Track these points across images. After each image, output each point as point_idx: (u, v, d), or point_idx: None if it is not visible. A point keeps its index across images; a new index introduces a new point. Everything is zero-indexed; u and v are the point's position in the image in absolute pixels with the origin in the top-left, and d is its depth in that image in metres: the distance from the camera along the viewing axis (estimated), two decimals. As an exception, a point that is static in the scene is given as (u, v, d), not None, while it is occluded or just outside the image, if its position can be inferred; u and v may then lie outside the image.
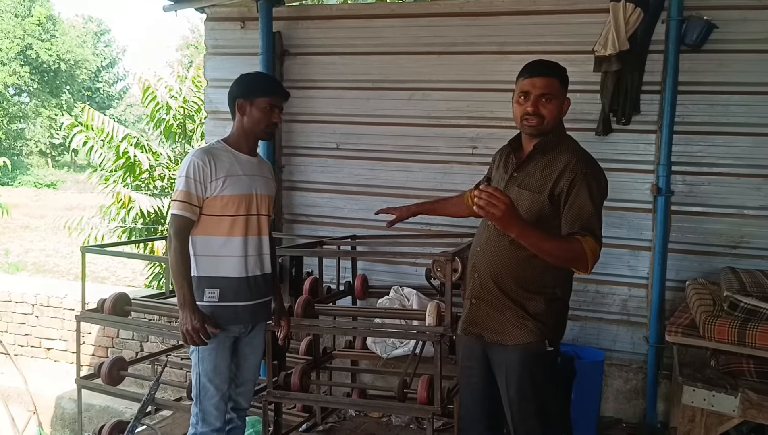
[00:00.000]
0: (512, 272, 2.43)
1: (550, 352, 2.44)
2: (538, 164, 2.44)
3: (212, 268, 2.74)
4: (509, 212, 2.14)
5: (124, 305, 3.85)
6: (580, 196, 2.32)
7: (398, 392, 3.45)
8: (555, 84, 2.43)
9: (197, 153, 2.72)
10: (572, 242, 2.27)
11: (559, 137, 2.48)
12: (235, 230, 2.75)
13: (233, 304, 2.77)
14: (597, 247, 2.28)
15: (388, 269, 4.64)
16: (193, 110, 8.97)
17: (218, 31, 4.97)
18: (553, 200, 2.36)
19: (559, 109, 2.45)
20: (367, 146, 4.67)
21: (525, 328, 2.42)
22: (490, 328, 2.49)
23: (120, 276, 13.69)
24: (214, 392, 2.78)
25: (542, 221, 2.36)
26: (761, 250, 3.90)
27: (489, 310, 2.49)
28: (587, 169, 2.36)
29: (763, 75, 3.83)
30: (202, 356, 2.76)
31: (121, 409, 5.12)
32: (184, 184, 2.67)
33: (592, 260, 2.27)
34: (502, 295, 2.45)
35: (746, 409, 2.74)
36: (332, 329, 3.80)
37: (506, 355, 2.46)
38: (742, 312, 2.82)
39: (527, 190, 2.43)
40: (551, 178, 2.37)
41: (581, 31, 4.04)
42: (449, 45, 4.40)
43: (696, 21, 3.78)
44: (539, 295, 2.42)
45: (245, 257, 2.77)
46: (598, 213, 2.33)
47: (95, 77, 36.75)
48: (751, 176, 3.90)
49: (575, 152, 2.42)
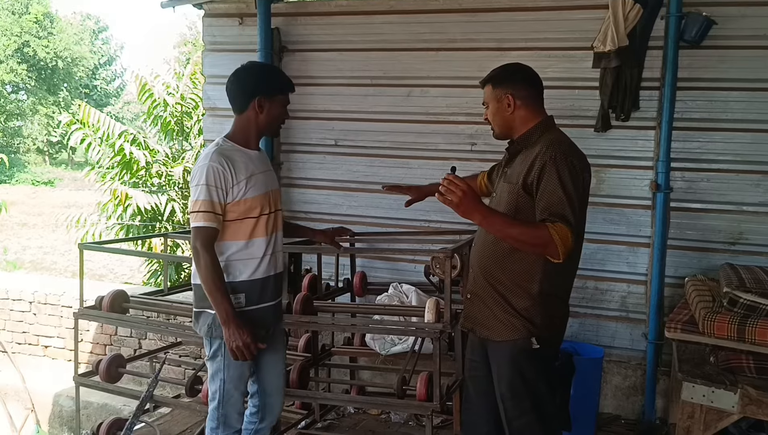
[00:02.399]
0: (498, 265, 2.44)
1: (539, 349, 2.41)
2: (519, 158, 2.49)
3: (235, 273, 2.63)
4: (467, 199, 2.17)
5: (123, 302, 3.84)
6: (550, 182, 2.29)
7: (397, 389, 3.44)
8: (486, 91, 2.54)
9: (213, 157, 2.55)
10: (539, 228, 2.24)
11: (540, 130, 2.48)
12: (258, 231, 2.64)
13: (259, 306, 2.68)
14: (568, 233, 2.21)
15: (387, 266, 4.63)
16: (191, 107, 8.94)
17: (216, 27, 4.96)
18: (527, 190, 2.36)
19: (497, 108, 2.50)
20: (365, 143, 4.66)
21: (510, 324, 2.42)
22: (481, 322, 2.52)
23: (118, 273, 13.68)
24: (238, 398, 2.71)
25: (520, 213, 2.37)
26: (760, 247, 3.90)
27: (480, 304, 2.52)
28: (557, 154, 2.32)
29: (762, 71, 3.83)
30: (228, 363, 2.63)
31: (119, 407, 5.11)
32: (205, 193, 2.51)
33: (561, 246, 2.21)
34: (491, 288, 2.46)
35: (746, 405, 2.74)
36: (331, 326, 3.80)
37: (497, 351, 2.48)
38: (741, 308, 2.82)
39: (508, 183, 2.48)
40: (525, 169, 2.39)
41: (580, 27, 4.03)
42: (448, 41, 4.39)
43: (695, 17, 3.77)
44: (523, 290, 2.40)
45: (268, 256, 2.68)
46: (570, 198, 2.26)
47: (93, 75, 36.71)
48: (750, 172, 3.90)
49: (549, 141, 2.40)
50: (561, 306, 2.53)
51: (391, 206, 4.62)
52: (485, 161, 4.34)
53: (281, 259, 2.83)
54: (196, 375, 3.67)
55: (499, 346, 2.46)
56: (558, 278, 2.44)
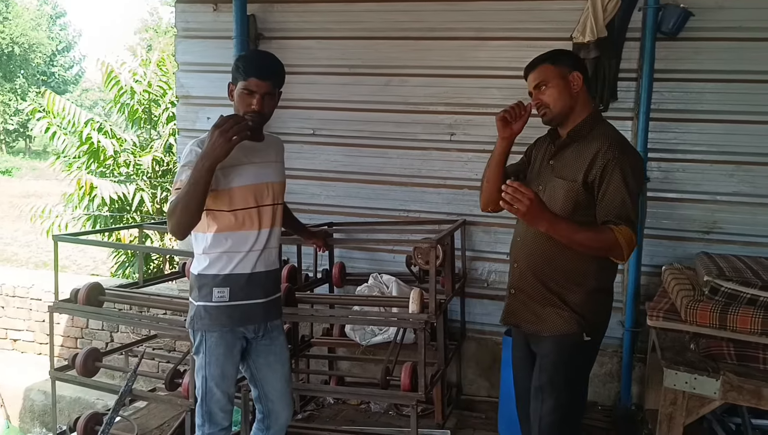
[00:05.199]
0: (551, 262, 2.40)
1: (587, 343, 2.42)
2: (572, 152, 2.42)
3: (222, 265, 2.54)
4: (535, 207, 2.13)
5: (98, 295, 3.75)
6: (613, 183, 2.27)
7: (381, 380, 3.44)
8: (543, 70, 2.42)
9: (195, 142, 2.47)
10: (605, 232, 2.24)
11: (593, 122, 2.43)
12: (247, 224, 2.54)
13: (245, 302, 2.58)
14: (632, 235, 2.24)
15: (366, 256, 4.61)
16: (158, 95, 8.76)
17: (189, 13, 4.84)
18: (587, 188, 2.33)
19: (561, 89, 2.40)
20: (343, 132, 4.61)
21: (561, 318, 2.40)
22: (527, 318, 2.49)
23: (81, 265, 13.39)
24: (221, 396, 2.61)
25: (579, 210, 2.34)
26: (733, 235, 3.98)
27: (527, 300, 2.48)
28: (619, 154, 2.30)
29: (737, 63, 3.89)
30: (209, 360, 2.56)
31: (93, 400, 5.02)
32: (183, 173, 2.40)
33: (627, 249, 2.24)
34: (541, 285, 2.43)
35: (727, 391, 2.79)
36: (315, 317, 3.77)
37: (542, 345, 2.47)
38: (722, 296, 2.87)
39: (562, 178, 2.40)
40: (584, 165, 2.34)
41: (560, 18, 4.04)
42: (427, 30, 4.36)
43: (672, 9, 3.81)
44: (578, 286, 2.39)
45: (257, 251, 2.58)
46: (633, 199, 2.28)
47: (50, 61, 35.73)
48: (724, 163, 3.96)
49: (607, 137, 2.36)
50: (609, 300, 2.54)
51: (369, 196, 4.59)
52: (464, 151, 4.38)
53: (275, 256, 2.71)
54: (175, 368, 3.61)
55: (548, 341, 2.45)
56: (610, 273, 2.47)
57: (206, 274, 2.56)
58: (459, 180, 4.40)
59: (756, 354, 2.89)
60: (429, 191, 4.48)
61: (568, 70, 2.40)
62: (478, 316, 4.45)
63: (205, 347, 2.57)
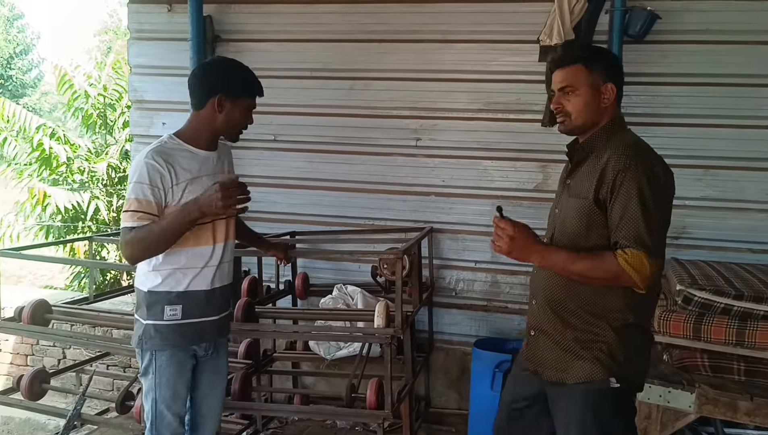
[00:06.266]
0: (569, 294, 2.07)
1: (619, 390, 2.03)
2: (587, 167, 2.09)
3: (175, 283, 2.40)
4: (519, 243, 1.95)
5: (45, 313, 3.52)
6: (621, 196, 1.94)
7: (346, 397, 3.29)
8: (575, 72, 2.07)
9: (149, 155, 2.31)
10: (605, 259, 1.92)
11: (610, 132, 2.10)
12: (201, 239, 2.41)
13: (199, 320, 2.46)
14: (642, 257, 1.87)
15: (331, 266, 4.45)
16: (114, 99, 8.46)
17: (143, 14, 4.63)
18: (600, 205, 2.00)
19: (588, 99, 2.06)
20: (306, 138, 4.45)
21: (587, 362, 2.04)
22: (550, 364, 2.13)
23: (38, 274, 12.90)
24: (172, 419, 2.46)
25: (594, 230, 2.02)
26: (702, 241, 3.93)
27: (548, 342, 2.14)
28: (631, 162, 1.95)
29: (704, 66, 3.85)
30: (159, 382, 2.42)
31: (44, 421, 4.73)
32: (139, 191, 2.27)
33: (637, 275, 1.88)
34: (559, 322, 2.10)
35: (702, 404, 2.72)
36: (276, 333, 3.60)
37: (565, 394, 2.10)
38: (696, 306, 2.80)
39: (575, 197, 2.09)
40: (594, 179, 2.01)
41: (526, 20, 3.95)
42: (391, 32, 4.24)
43: (639, 11, 3.74)
44: (604, 321, 2.04)
45: (213, 267, 2.46)
46: (649, 215, 1.90)
47: (7, 64, 34.73)
48: (692, 167, 3.91)
49: (620, 145, 2.02)
50: (646, 336, 2.15)
51: (333, 204, 4.44)
52: (430, 157, 4.27)
53: (229, 270, 2.58)
54: (127, 390, 3.41)
55: (571, 390, 2.08)
56: (643, 305, 2.08)
57: (158, 292, 2.41)
58: (425, 186, 4.28)
59: (730, 365, 2.83)
60: (395, 198, 4.34)
61: (602, 80, 2.07)
62: (446, 326, 4.33)
63: (154, 367, 2.43)
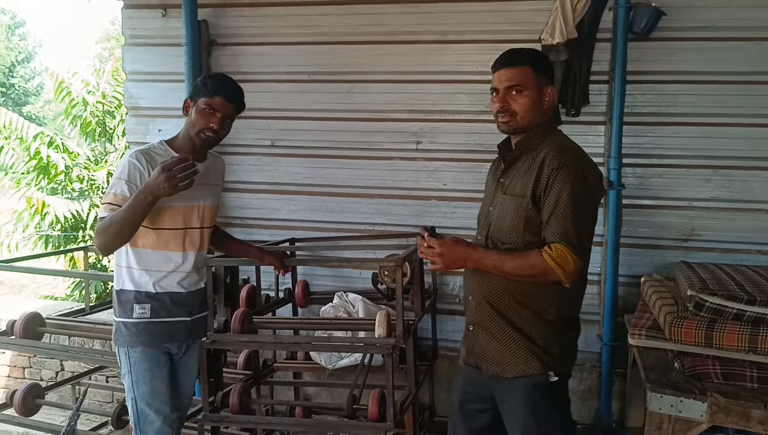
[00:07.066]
0: (507, 290, 2.15)
1: (556, 383, 2.13)
2: (522, 166, 2.19)
3: (145, 283, 2.50)
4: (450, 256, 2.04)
5: (37, 326, 3.44)
6: (552, 194, 2.04)
7: (347, 408, 3.19)
8: (524, 72, 2.15)
9: (134, 154, 2.44)
10: (532, 256, 2.03)
11: (545, 132, 2.19)
12: (171, 244, 2.51)
13: (168, 320, 2.55)
14: (567, 254, 1.99)
15: (331, 273, 4.36)
16: (114, 106, 8.40)
17: (137, 19, 4.55)
18: (536, 203, 2.09)
19: (534, 100, 2.15)
20: (304, 143, 4.37)
21: (524, 358, 2.13)
22: (489, 358, 2.21)
23: (40, 284, 12.82)
24: (154, 417, 2.51)
25: (530, 228, 2.10)
26: (712, 242, 3.84)
27: (486, 337, 2.22)
28: (564, 162, 2.06)
29: (710, 63, 3.75)
30: (136, 379, 2.50)
31: (41, 436, 4.66)
32: (118, 187, 2.39)
33: (561, 271, 1.99)
34: (498, 317, 2.17)
35: (714, 413, 2.61)
36: (275, 344, 3.50)
37: (507, 389, 2.19)
38: (708, 312, 2.70)
39: (511, 195, 2.18)
40: (531, 178, 2.10)
41: (527, 19, 3.85)
42: (389, 34, 4.14)
43: (644, 8, 3.65)
44: (539, 316, 2.13)
45: (182, 273, 2.55)
46: (576, 213, 2.02)
47: (9, 72, 34.79)
48: (701, 167, 3.82)
49: (555, 145, 2.13)
50: (575, 330, 2.27)
51: (333, 209, 4.36)
52: (431, 160, 4.18)
53: (201, 276, 2.67)
54: (123, 404, 3.32)
55: (510, 383, 2.17)
56: (572, 299, 2.21)
57: (127, 290, 2.51)
58: (426, 190, 4.19)
59: (743, 372, 2.73)
60: (395, 203, 4.25)
61: (545, 82, 2.18)
62: (450, 333, 4.23)
63: (129, 365, 2.52)
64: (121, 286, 2.52)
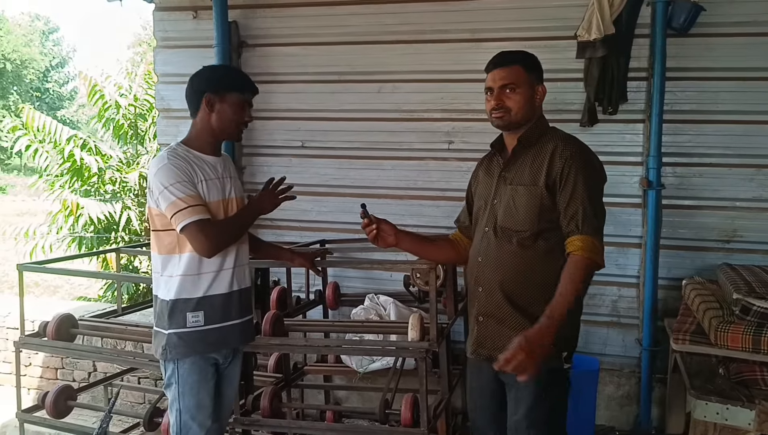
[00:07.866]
0: (523, 279, 2.22)
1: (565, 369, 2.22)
2: (526, 158, 2.28)
3: (194, 289, 2.39)
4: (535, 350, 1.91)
5: (70, 328, 3.45)
6: (568, 184, 2.15)
7: (380, 413, 3.13)
8: (516, 71, 2.26)
9: (167, 157, 2.33)
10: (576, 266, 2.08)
11: (541, 128, 2.32)
12: None
13: (221, 325, 2.45)
14: (590, 241, 2.10)
15: (361, 275, 4.32)
16: (145, 109, 8.47)
17: (168, 21, 4.57)
18: (549, 190, 2.19)
19: (527, 97, 2.26)
20: (334, 143, 4.34)
21: None
22: (502, 346, 2.15)
23: (74, 284, 13.02)
24: (197, 430, 2.44)
25: (544, 214, 2.19)
26: (755, 244, 3.72)
27: (498, 326, 2.26)
28: (576, 151, 2.19)
29: (752, 59, 3.64)
30: (182, 391, 2.41)
31: (74, 437, 4.69)
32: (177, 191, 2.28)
33: (598, 257, 2.11)
34: (511, 306, 2.23)
35: (762, 422, 2.51)
36: (306, 348, 3.45)
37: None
38: (755, 316, 2.60)
39: (521, 185, 2.26)
40: (543, 167, 2.21)
41: (561, 15, 3.78)
42: (419, 33, 4.10)
43: (683, 3, 3.55)
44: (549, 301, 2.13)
45: (231, 269, 2.46)
46: (594, 200, 2.15)
47: (44, 77, 35.51)
48: (743, 166, 3.71)
49: (561, 138, 2.26)
50: (580, 313, 2.32)
51: (364, 211, 4.30)
52: (464, 160, 4.10)
53: (248, 273, 2.59)
54: (155, 405, 3.31)
55: None
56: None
57: (178, 299, 2.39)
58: (458, 191, 4.06)
59: (793, 379, 2.61)
60: (427, 204, 4.19)
61: (536, 81, 2.30)
62: (482, 336, 4.15)
63: (177, 376, 2.42)
64: (171, 296, 2.39)
